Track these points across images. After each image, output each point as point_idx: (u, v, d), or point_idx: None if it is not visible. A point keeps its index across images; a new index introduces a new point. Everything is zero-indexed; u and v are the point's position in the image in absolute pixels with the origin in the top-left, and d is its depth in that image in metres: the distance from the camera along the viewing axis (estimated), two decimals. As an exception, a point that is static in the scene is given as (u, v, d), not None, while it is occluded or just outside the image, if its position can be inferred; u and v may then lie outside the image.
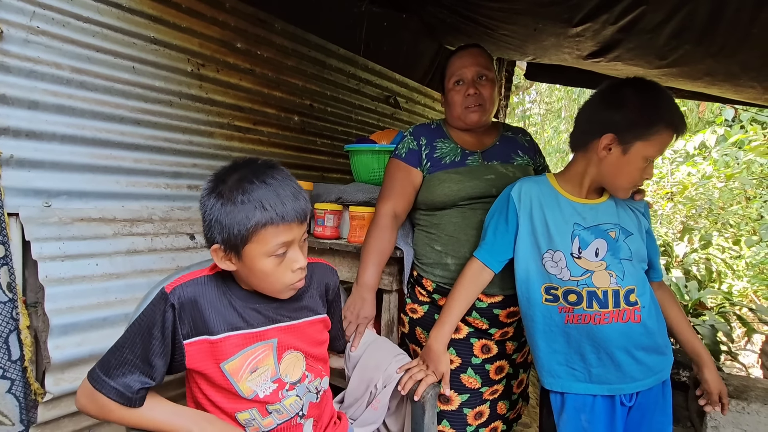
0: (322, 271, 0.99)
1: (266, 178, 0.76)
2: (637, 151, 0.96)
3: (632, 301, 0.99)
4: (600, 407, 1.02)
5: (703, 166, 4.54)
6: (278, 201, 0.74)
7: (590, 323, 0.99)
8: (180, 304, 0.76)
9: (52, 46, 1.19)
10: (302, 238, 0.81)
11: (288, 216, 0.75)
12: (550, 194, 1.07)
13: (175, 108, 1.51)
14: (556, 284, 1.02)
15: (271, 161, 0.81)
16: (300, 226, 0.79)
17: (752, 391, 1.46)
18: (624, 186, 1.01)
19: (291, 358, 0.86)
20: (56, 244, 1.15)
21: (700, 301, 3.15)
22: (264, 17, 1.79)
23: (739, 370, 3.05)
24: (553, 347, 1.04)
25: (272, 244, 0.75)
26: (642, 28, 1.59)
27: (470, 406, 1.22)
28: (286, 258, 0.78)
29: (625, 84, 0.99)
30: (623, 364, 1.00)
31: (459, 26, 2.31)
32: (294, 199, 0.76)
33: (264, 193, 0.74)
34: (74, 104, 1.24)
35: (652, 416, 1.03)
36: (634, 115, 0.95)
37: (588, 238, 1.01)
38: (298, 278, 0.81)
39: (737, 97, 2.15)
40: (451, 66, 1.31)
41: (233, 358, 0.79)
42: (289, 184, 0.78)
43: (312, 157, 2.12)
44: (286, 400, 0.83)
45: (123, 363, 0.74)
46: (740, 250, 4.15)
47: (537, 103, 9.68)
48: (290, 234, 0.77)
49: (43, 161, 1.19)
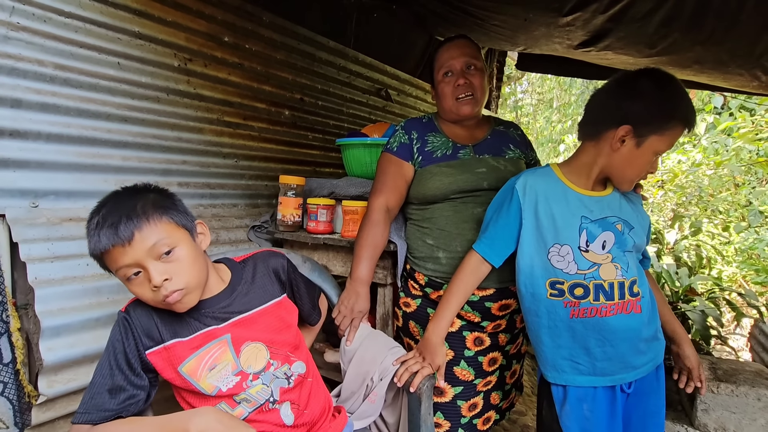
0: (264, 259, 1.01)
1: (100, 210, 0.78)
2: (650, 145, 0.96)
3: (635, 292, 1.00)
4: (602, 396, 1.03)
5: (693, 153, 4.59)
6: (96, 232, 0.76)
7: (596, 316, 0.99)
8: (135, 319, 0.83)
9: (34, 43, 1.16)
10: (152, 253, 0.76)
11: (101, 245, 0.75)
12: (557, 187, 1.05)
13: (163, 104, 1.48)
14: (562, 278, 1.01)
15: (132, 186, 0.83)
16: (126, 247, 0.75)
17: (741, 374, 1.49)
18: (631, 179, 1.02)
19: (251, 350, 0.89)
20: (45, 245, 1.13)
21: (690, 287, 3.20)
22: (251, 10, 1.76)
23: (728, 354, 3.11)
24: (558, 342, 1.04)
25: (115, 269, 0.78)
26: (631, 16, 1.59)
27: (464, 398, 1.23)
28: (141, 277, 0.78)
29: (643, 74, 0.97)
30: (627, 354, 1.01)
31: (449, 17, 2.30)
32: (110, 226, 0.75)
33: (90, 227, 0.77)
34: (59, 102, 1.22)
35: (648, 400, 1.05)
36: (652, 108, 0.94)
37: (595, 231, 1.00)
38: (162, 296, 0.78)
39: (726, 85, 2.17)
40: (439, 58, 1.31)
41: (187, 360, 0.84)
42: (119, 209, 0.77)
43: (304, 151, 2.10)
44: (251, 389, 0.86)
45: (95, 391, 0.79)
46: (729, 236, 4.21)
47: (529, 93, 9.68)
48: (122, 257, 0.76)
49: (29, 161, 1.17)
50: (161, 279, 0.77)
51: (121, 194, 0.81)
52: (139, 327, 0.83)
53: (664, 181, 4.75)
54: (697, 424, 1.46)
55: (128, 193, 0.82)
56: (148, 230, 0.77)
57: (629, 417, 1.04)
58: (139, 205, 0.78)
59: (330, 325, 1.23)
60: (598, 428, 1.02)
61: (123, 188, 0.83)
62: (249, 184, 1.83)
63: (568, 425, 1.02)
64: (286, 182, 1.55)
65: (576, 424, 1.02)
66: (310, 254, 1.57)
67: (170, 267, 0.78)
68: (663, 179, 4.77)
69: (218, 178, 1.70)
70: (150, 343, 0.83)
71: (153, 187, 0.85)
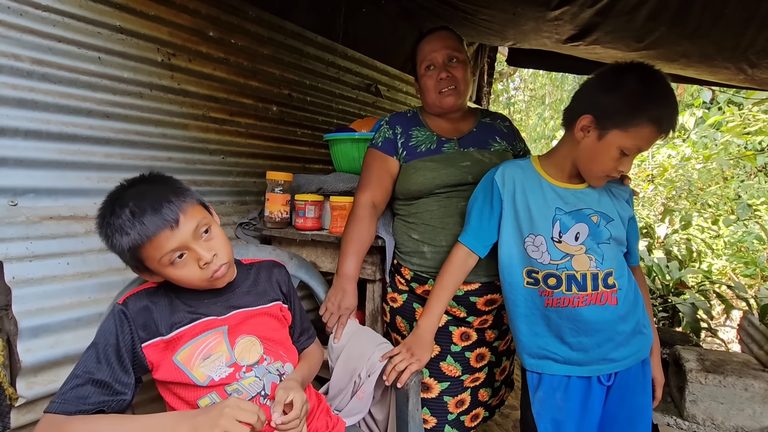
0: (269, 268, 1.03)
1: (127, 202, 0.77)
2: (612, 139, 0.92)
3: (610, 284, 1.00)
4: (575, 386, 1.03)
5: (683, 148, 4.63)
6: (135, 222, 0.75)
7: (569, 306, 1.00)
8: (133, 312, 0.82)
9: (9, 37, 1.13)
10: (196, 234, 0.81)
11: (149, 232, 0.76)
12: (533, 178, 1.05)
13: (146, 100, 1.46)
14: (537, 268, 1.02)
15: (140, 176, 0.83)
16: (175, 230, 0.78)
17: (728, 365, 1.50)
18: (596, 174, 0.99)
19: (245, 343, 0.88)
20: (23, 244, 1.10)
21: (681, 280, 3.23)
22: (237, 4, 1.74)
23: (719, 346, 3.14)
24: (534, 330, 1.05)
25: (159, 256, 0.78)
26: (619, 10, 1.59)
27: (451, 394, 1.22)
28: (186, 258, 0.81)
29: (630, 68, 0.93)
30: (603, 345, 1.01)
31: (438, 11, 2.28)
32: (153, 212, 0.76)
33: (123, 220, 0.76)
34: (37, 97, 1.19)
35: (633, 395, 1.04)
36: (618, 101, 0.90)
37: (569, 223, 1.01)
38: (211, 271, 0.83)
39: (713, 78, 2.18)
40: (420, 51, 1.29)
41: (183, 348, 0.83)
42: (151, 197, 0.78)
43: (292, 147, 2.08)
44: (244, 380, 0.85)
45: (77, 383, 0.74)
46: (719, 229, 4.26)
47: (521, 90, 9.70)
48: (169, 242, 0.78)
49: (6, 158, 1.14)
50: (211, 255, 0.81)
51: (137, 184, 0.81)
52: (137, 319, 0.82)
53: (654, 175, 4.79)
54: (686, 415, 1.47)
55: (145, 182, 0.82)
56: (191, 212, 0.81)
57: (615, 413, 1.03)
58: (170, 190, 0.81)
59: (318, 322, 1.22)
60: (570, 418, 1.02)
61: (131, 180, 0.82)
62: (236, 181, 1.81)
63: (539, 411, 1.03)
64: (274, 178, 1.53)
65: (547, 412, 1.03)
66: (298, 251, 1.55)
67: (212, 244, 0.83)
68: (653, 173, 4.81)
69: (205, 175, 1.68)
70: (146, 335, 0.82)
71: (161, 175, 0.86)
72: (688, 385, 1.46)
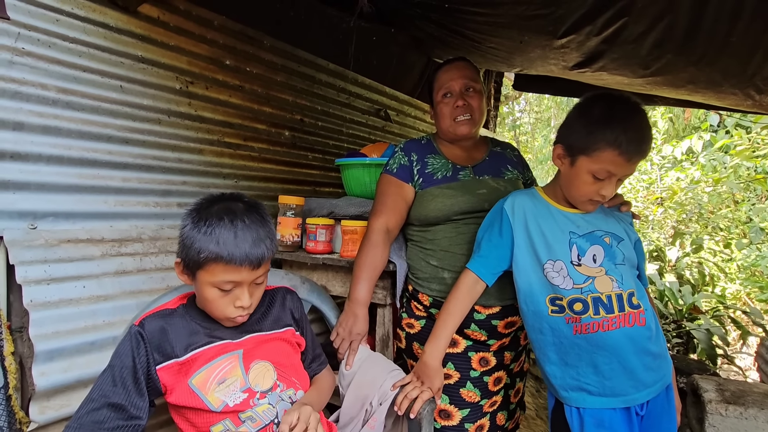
0: (283, 294, 1.05)
1: (235, 218, 0.82)
2: (581, 165, 0.97)
3: (635, 304, 0.99)
4: (619, 420, 0.99)
5: (692, 171, 4.61)
6: (234, 243, 0.80)
7: (599, 331, 0.97)
8: (150, 333, 0.83)
9: (38, 67, 1.18)
10: (255, 280, 0.86)
11: (237, 260, 0.80)
12: (542, 206, 1.08)
13: (164, 126, 1.50)
14: (561, 294, 1.00)
15: (254, 203, 0.88)
16: (251, 271, 0.83)
17: (749, 396, 1.45)
18: (577, 199, 1.03)
19: (259, 368, 0.88)
20: (42, 267, 1.12)
21: (694, 305, 3.16)
22: (253, 34, 1.80)
23: (736, 374, 3.05)
24: (566, 360, 1.02)
25: (219, 279, 0.82)
26: (624, 38, 1.62)
27: (471, 420, 1.20)
28: (231, 293, 0.84)
29: (598, 98, 0.99)
30: (636, 369, 0.98)
31: (446, 39, 2.34)
32: (252, 245, 0.82)
33: (224, 232, 0.80)
34: (60, 124, 1.23)
35: (660, 423, 1.02)
36: (581, 129, 0.97)
37: (584, 245, 1.01)
38: (239, 314, 0.86)
39: (720, 104, 2.19)
40: (438, 79, 1.33)
41: (199, 372, 0.83)
42: (256, 230, 0.83)
43: (303, 171, 2.12)
44: (258, 407, 0.84)
45: (93, 406, 0.75)
46: (731, 253, 4.20)
47: (527, 113, 9.81)
48: (239, 275, 0.82)
49: (29, 183, 1.17)
50: (249, 302, 0.86)
51: (250, 209, 0.86)
52: (152, 341, 0.82)
53: (664, 198, 4.76)
54: (707, 448, 1.42)
55: (255, 210, 0.87)
56: (268, 263, 0.87)
57: None
58: (269, 234, 0.86)
59: (328, 346, 1.21)
60: None
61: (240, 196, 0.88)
62: (248, 204, 1.83)
63: None
64: (285, 202, 1.55)
65: None
66: (309, 274, 1.55)
67: (257, 293, 0.89)
68: (662, 196, 4.78)
69: (218, 199, 1.70)
70: (161, 358, 0.83)
71: (265, 211, 0.89)
72: (708, 416, 1.41)
